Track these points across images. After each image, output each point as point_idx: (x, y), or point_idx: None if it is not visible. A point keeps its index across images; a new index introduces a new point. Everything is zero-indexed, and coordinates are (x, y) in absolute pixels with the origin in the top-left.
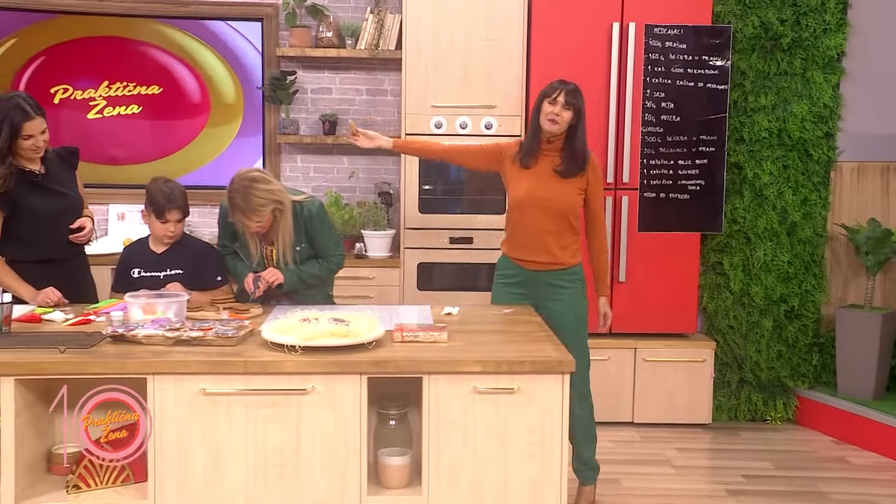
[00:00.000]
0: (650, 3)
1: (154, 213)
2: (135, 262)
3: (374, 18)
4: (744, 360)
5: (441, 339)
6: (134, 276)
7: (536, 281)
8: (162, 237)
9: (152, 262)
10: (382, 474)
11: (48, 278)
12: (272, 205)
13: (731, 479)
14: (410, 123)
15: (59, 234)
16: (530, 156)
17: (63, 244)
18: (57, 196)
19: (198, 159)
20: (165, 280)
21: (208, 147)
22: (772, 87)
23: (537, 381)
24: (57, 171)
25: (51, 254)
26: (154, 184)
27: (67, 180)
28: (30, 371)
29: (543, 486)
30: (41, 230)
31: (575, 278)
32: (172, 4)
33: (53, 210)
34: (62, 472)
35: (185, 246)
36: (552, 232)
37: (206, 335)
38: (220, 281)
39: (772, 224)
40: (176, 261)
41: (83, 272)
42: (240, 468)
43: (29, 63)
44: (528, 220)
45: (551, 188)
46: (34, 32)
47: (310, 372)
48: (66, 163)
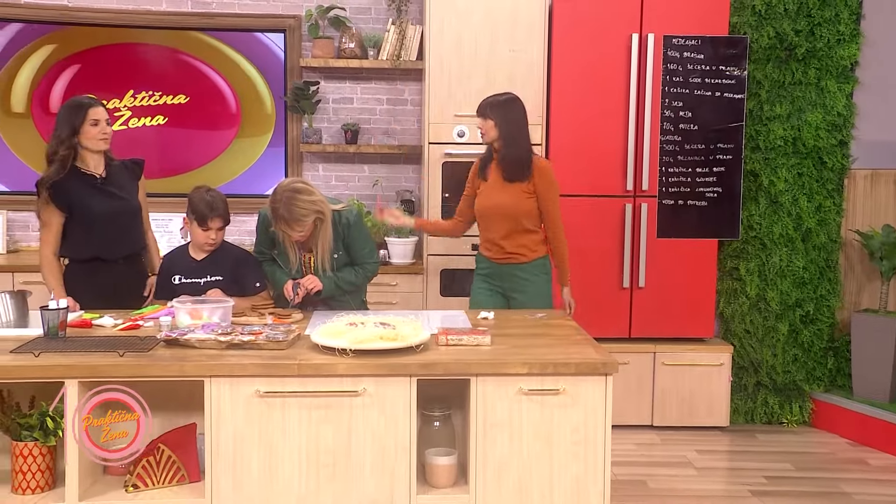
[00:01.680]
0: (669, 14)
1: (196, 221)
2: (176, 269)
3: (395, 29)
4: (760, 363)
5: (484, 342)
6: (175, 283)
7: (503, 273)
8: (203, 244)
9: (193, 269)
10: (430, 474)
11: (98, 276)
12: (314, 215)
13: (754, 479)
14: (433, 133)
15: (112, 234)
16: (485, 167)
17: (115, 245)
18: (113, 198)
19: (228, 172)
20: (206, 286)
21: (239, 158)
22: (787, 97)
23: (581, 382)
24: (118, 178)
25: (102, 253)
26: (196, 192)
27: (128, 187)
28: (91, 374)
29: (588, 485)
30: (94, 230)
31: (538, 271)
32: (196, 16)
33: (107, 210)
34: (117, 473)
35: (224, 253)
36: (505, 235)
37: (257, 339)
38: (258, 287)
39: (787, 230)
40: (216, 267)
41: (134, 276)
42: (293, 468)
43: (49, 73)
44: (485, 224)
45: (500, 196)
46: (55, 41)
47: (361, 374)
48: (130, 172)
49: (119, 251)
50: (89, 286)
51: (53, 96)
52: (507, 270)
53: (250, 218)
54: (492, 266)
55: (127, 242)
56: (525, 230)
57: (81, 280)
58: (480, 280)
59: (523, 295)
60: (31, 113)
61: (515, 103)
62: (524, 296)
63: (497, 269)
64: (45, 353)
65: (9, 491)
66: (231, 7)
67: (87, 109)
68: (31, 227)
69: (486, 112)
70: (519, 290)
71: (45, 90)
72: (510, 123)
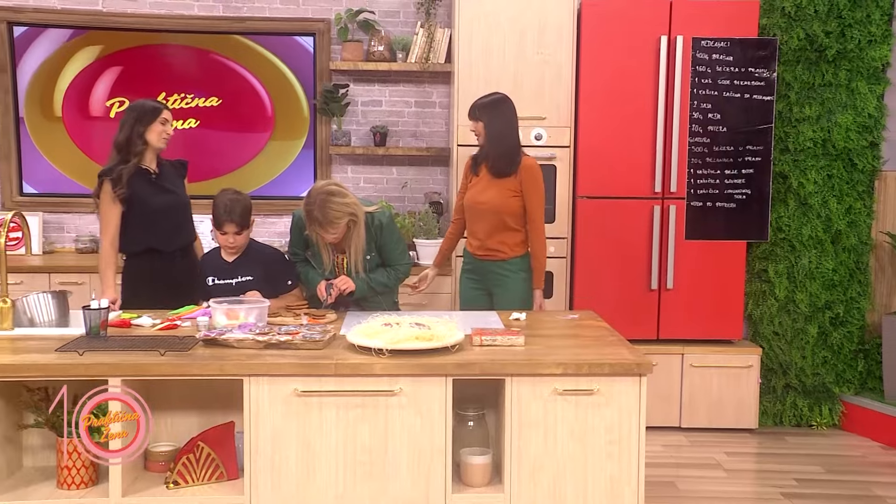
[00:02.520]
0: (697, 17)
1: (214, 225)
2: (209, 270)
3: (424, 32)
4: (789, 366)
5: (518, 342)
6: (210, 285)
7: (485, 269)
8: (224, 248)
9: (224, 270)
10: (465, 473)
11: (155, 269)
12: (347, 217)
13: (784, 482)
14: (462, 135)
15: (168, 226)
16: (478, 164)
17: (172, 237)
18: (167, 193)
19: (261, 176)
20: (238, 287)
21: (273, 161)
22: (816, 98)
23: (616, 382)
24: (169, 174)
25: (160, 245)
26: (220, 196)
27: (178, 183)
28: (134, 372)
29: (622, 485)
30: (152, 223)
31: (517, 268)
32: (227, 20)
33: (163, 205)
34: (158, 470)
35: (254, 253)
36: (488, 231)
37: (294, 339)
38: (290, 285)
39: (816, 232)
40: (246, 268)
41: (188, 270)
42: (330, 466)
43: (80, 77)
44: (471, 219)
45: (486, 192)
46: (87, 45)
47: (397, 374)
48: (177, 171)
49: (176, 243)
50: (148, 279)
51: (84, 99)
52: (487, 266)
53: (280, 220)
54: (474, 262)
55: (182, 234)
56: (508, 228)
57: (141, 273)
58: (465, 277)
59: (503, 291)
60: (63, 117)
61: (504, 103)
62: (504, 291)
63: (478, 265)
64: (88, 352)
65: (54, 486)
66: (262, 11)
67: (161, 110)
68: (65, 229)
69: (475, 114)
70: (499, 285)
71: (76, 94)
72: (498, 122)
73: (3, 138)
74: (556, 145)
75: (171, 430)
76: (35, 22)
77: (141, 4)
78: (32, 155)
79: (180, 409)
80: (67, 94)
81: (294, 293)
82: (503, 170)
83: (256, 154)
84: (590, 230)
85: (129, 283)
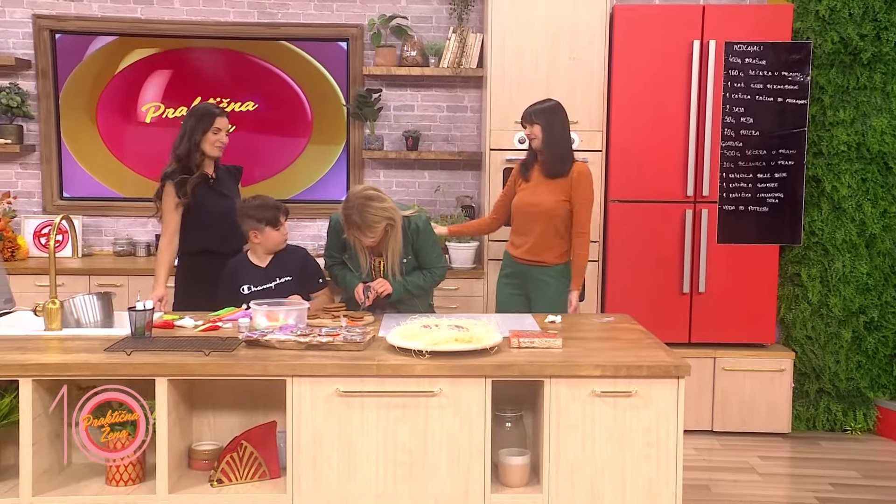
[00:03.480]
0: (730, 21)
1: (269, 224)
2: (242, 279)
3: (456, 38)
4: (822, 370)
5: (556, 345)
6: (244, 293)
7: (525, 274)
8: (279, 244)
9: (260, 276)
10: (503, 473)
11: (209, 267)
12: (385, 221)
13: (819, 486)
14: (495, 139)
15: (222, 229)
16: (528, 169)
17: (227, 239)
18: (223, 197)
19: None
20: (277, 289)
21: (312, 165)
22: (850, 102)
23: (654, 384)
24: (225, 179)
25: (214, 246)
26: (258, 198)
27: (233, 189)
28: (180, 372)
29: (660, 487)
30: (208, 224)
31: (559, 276)
32: (262, 26)
33: (220, 208)
34: (201, 468)
35: (286, 254)
36: (538, 235)
37: (335, 340)
38: (321, 283)
39: (850, 236)
40: (282, 269)
41: None
42: (371, 465)
43: (116, 78)
44: (520, 222)
45: (538, 194)
46: (120, 47)
47: (437, 375)
48: (233, 177)
49: (230, 245)
50: (201, 277)
51: (118, 105)
52: (528, 272)
53: (313, 223)
54: (515, 266)
55: (237, 237)
56: (556, 233)
57: (195, 272)
58: (504, 281)
59: (543, 297)
60: (97, 121)
61: (560, 109)
62: (544, 298)
63: (520, 269)
64: (135, 353)
65: (103, 483)
66: (296, 17)
67: (215, 118)
68: (103, 233)
69: (531, 118)
70: (538, 290)
71: (110, 99)
72: (555, 127)
73: (45, 144)
74: (588, 149)
75: (214, 429)
76: (77, 30)
77: (178, 12)
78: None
79: (222, 408)
80: (102, 100)
81: (324, 291)
82: (557, 170)
83: (295, 158)
84: (622, 234)
85: (182, 281)
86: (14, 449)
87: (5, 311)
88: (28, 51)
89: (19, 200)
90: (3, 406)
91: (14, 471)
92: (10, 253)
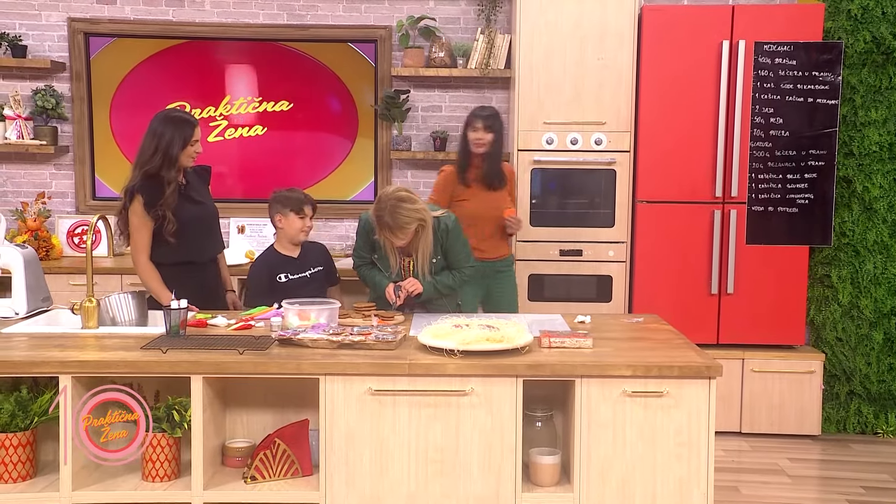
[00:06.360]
0: (760, 21)
1: (293, 211)
2: (277, 269)
3: (484, 39)
4: (853, 372)
5: (586, 345)
6: (282, 281)
7: (486, 270)
8: (299, 232)
9: (295, 266)
10: (534, 472)
11: (187, 279)
12: (417, 223)
13: (851, 489)
14: (523, 140)
15: (198, 238)
16: (465, 174)
17: (201, 248)
18: (197, 204)
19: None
20: (312, 278)
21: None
22: (883, 101)
23: (685, 385)
24: (196, 184)
25: (191, 257)
26: (284, 190)
27: (204, 192)
28: (215, 370)
29: (691, 487)
30: (183, 235)
31: (508, 264)
32: (291, 27)
33: (194, 216)
34: (234, 465)
35: (311, 245)
36: (489, 235)
37: (367, 339)
38: (337, 278)
39: (882, 237)
40: (314, 259)
41: (216, 275)
42: (403, 464)
43: (134, 71)
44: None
45: (491, 201)
46: (144, 45)
47: (469, 374)
48: (201, 178)
49: (208, 253)
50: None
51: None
52: (489, 266)
53: (340, 223)
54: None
55: (215, 244)
56: (502, 229)
57: (174, 284)
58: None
59: (502, 284)
60: (111, 123)
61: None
62: (504, 284)
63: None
64: (171, 350)
65: (139, 479)
66: (325, 19)
67: (194, 129)
68: None
69: (491, 124)
70: (498, 280)
71: (128, 98)
72: (502, 137)
73: (78, 145)
74: (616, 150)
75: (247, 427)
76: (110, 32)
77: (209, 14)
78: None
79: (255, 406)
80: (115, 100)
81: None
82: (496, 183)
83: (344, 160)
84: (650, 234)
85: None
86: (53, 444)
87: (43, 309)
88: (63, 53)
89: (53, 201)
90: (44, 402)
91: (53, 466)
92: (44, 252)
